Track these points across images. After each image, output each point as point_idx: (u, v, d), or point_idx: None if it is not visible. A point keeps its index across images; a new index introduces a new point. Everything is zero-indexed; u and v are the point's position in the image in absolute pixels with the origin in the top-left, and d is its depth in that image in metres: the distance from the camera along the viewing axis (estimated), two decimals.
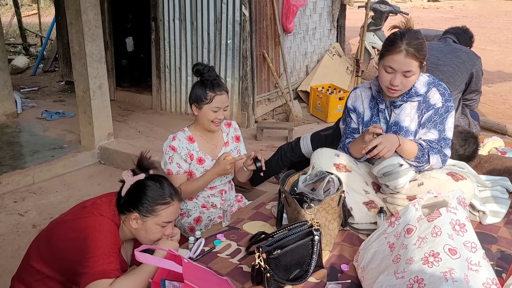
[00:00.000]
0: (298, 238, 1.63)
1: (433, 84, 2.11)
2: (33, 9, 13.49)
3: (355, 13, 11.08)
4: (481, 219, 2.10)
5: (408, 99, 2.09)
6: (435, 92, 2.08)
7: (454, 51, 3.15)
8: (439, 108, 2.07)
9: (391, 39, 2.01)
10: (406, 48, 1.94)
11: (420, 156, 2.01)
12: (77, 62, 4.03)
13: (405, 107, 2.12)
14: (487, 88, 6.90)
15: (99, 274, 1.53)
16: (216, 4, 4.77)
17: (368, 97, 2.22)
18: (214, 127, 2.34)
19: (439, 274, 1.38)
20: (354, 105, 2.25)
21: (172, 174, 2.32)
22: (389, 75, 2.00)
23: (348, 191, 2.05)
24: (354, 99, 2.26)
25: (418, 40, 1.97)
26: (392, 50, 1.97)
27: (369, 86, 2.23)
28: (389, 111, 2.16)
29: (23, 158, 4.07)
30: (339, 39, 6.88)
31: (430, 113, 2.08)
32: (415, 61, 1.96)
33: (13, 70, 7.30)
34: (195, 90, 2.30)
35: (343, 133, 2.33)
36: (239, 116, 4.93)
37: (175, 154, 2.31)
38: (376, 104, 2.19)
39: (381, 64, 2.03)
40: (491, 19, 16.42)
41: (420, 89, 2.09)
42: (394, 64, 1.97)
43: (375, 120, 2.18)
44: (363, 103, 2.22)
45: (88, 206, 1.70)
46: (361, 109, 2.23)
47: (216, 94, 2.27)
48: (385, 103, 2.15)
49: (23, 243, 2.91)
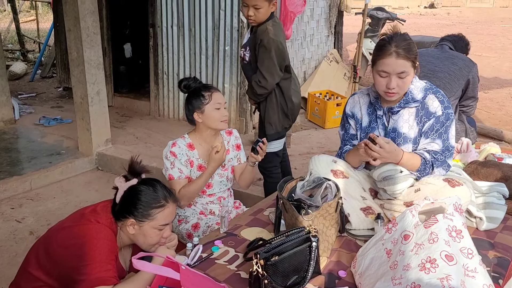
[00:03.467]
0: (296, 244, 1.64)
1: (430, 90, 2.12)
2: (31, 15, 13.50)
3: (352, 19, 11.15)
4: (478, 225, 2.10)
5: (406, 105, 2.10)
6: (434, 99, 2.09)
7: (451, 58, 3.17)
8: (440, 116, 2.07)
9: (380, 44, 2.04)
10: (395, 50, 1.96)
11: (422, 170, 2.03)
12: (75, 68, 4.04)
13: (403, 114, 2.12)
14: (484, 95, 6.93)
15: (97, 281, 1.53)
16: (214, 10, 4.79)
17: (366, 103, 2.23)
18: (223, 125, 2.36)
19: (436, 280, 1.38)
20: (353, 111, 2.27)
21: (174, 179, 2.32)
22: (384, 79, 2.02)
23: (346, 197, 2.06)
24: (352, 105, 2.27)
25: (406, 41, 2.00)
26: (382, 55, 2.00)
27: (367, 93, 2.24)
28: (387, 118, 2.16)
29: (20, 164, 4.07)
30: (336, 46, 6.92)
31: (432, 122, 2.08)
32: (407, 62, 1.98)
33: (11, 76, 7.30)
34: (191, 100, 2.33)
35: (342, 139, 2.33)
36: (237, 122, 4.94)
37: (176, 160, 2.32)
38: (374, 110, 2.20)
39: (375, 70, 2.05)
40: (488, 25, 16.52)
41: (417, 94, 2.10)
42: (386, 67, 1.99)
43: (373, 126, 2.19)
44: (361, 109, 2.24)
45: (87, 213, 1.70)
46: (359, 115, 2.24)
47: (212, 92, 2.31)
48: (383, 110, 2.16)
49: (20, 250, 2.91)
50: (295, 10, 5.27)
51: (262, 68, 2.82)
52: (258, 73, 2.85)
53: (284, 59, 2.86)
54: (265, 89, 2.86)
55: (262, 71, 2.82)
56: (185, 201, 2.34)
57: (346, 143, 2.29)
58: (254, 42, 2.86)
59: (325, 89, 5.75)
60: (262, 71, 2.82)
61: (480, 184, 2.30)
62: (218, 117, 2.32)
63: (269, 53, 2.78)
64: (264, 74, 2.81)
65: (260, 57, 2.82)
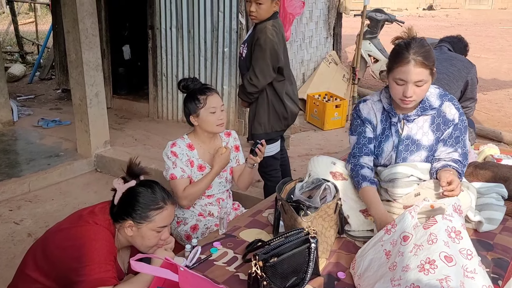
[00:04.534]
0: (295, 245, 1.63)
1: (445, 97, 2.06)
2: (30, 17, 13.51)
3: (351, 21, 11.16)
4: (477, 227, 2.10)
5: (423, 112, 2.04)
6: (451, 107, 2.04)
7: (450, 59, 3.18)
8: (457, 123, 2.04)
9: (396, 50, 1.95)
10: (413, 57, 1.88)
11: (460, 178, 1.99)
12: (74, 70, 4.04)
13: (418, 121, 2.07)
14: (483, 96, 6.94)
15: (97, 282, 1.52)
16: (213, 12, 4.79)
17: (380, 110, 2.14)
18: (220, 128, 2.35)
19: (435, 281, 1.38)
20: (368, 117, 2.16)
21: (176, 179, 2.30)
22: (401, 87, 1.93)
23: (345, 199, 2.05)
24: (367, 110, 2.16)
25: (424, 47, 1.91)
26: (399, 62, 1.90)
27: (379, 99, 2.15)
28: (401, 125, 2.09)
29: (19, 166, 4.06)
30: (335, 47, 6.92)
31: (451, 130, 2.04)
32: (425, 69, 1.89)
33: (10, 78, 7.30)
34: (187, 103, 2.34)
35: (356, 143, 2.16)
36: (236, 124, 4.94)
37: (177, 160, 2.32)
38: (388, 117, 2.11)
39: (391, 78, 1.96)
40: (486, 27, 16.57)
41: (434, 102, 2.04)
42: (404, 75, 1.90)
43: (387, 134, 2.11)
44: (376, 115, 2.15)
45: (85, 215, 1.70)
46: (374, 122, 2.15)
47: (207, 96, 2.30)
48: (398, 117, 2.08)
49: (18, 251, 2.90)
50: (294, 12, 5.27)
51: (255, 66, 2.82)
52: (250, 71, 2.85)
53: (278, 61, 2.85)
54: (255, 87, 2.85)
55: (255, 69, 2.82)
56: (188, 202, 2.33)
57: (361, 148, 2.14)
58: (252, 39, 2.86)
59: (324, 91, 5.75)
60: (255, 69, 2.82)
61: (479, 185, 2.30)
62: (213, 121, 2.31)
63: (264, 52, 2.79)
64: (256, 73, 2.81)
65: (255, 55, 2.83)
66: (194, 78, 2.38)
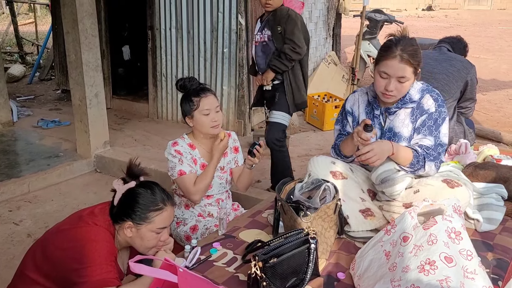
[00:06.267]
0: (295, 246, 1.63)
1: (426, 91, 2.14)
2: (30, 18, 13.52)
3: (350, 22, 11.17)
4: (477, 227, 2.10)
5: (403, 105, 2.12)
6: (429, 98, 2.11)
7: (449, 59, 3.18)
8: (432, 113, 2.09)
9: (386, 45, 2.05)
10: (400, 53, 1.97)
11: (415, 163, 2.03)
12: (73, 70, 4.03)
13: (399, 114, 2.14)
14: (482, 96, 6.95)
15: (100, 283, 1.52)
16: (213, 13, 4.80)
17: (365, 102, 2.25)
18: (214, 130, 2.35)
19: (435, 282, 1.38)
20: (352, 108, 2.28)
21: (186, 174, 2.29)
22: (384, 80, 2.03)
23: (345, 199, 2.06)
24: (352, 102, 2.29)
25: (412, 46, 2.00)
26: (387, 56, 2.00)
27: (366, 91, 2.26)
28: (383, 117, 2.18)
29: (18, 166, 4.05)
30: (334, 48, 6.93)
31: (424, 117, 2.10)
32: (409, 67, 1.98)
33: (9, 79, 7.30)
34: (182, 104, 2.34)
35: (337, 134, 2.34)
36: (236, 124, 4.94)
37: (182, 157, 2.31)
38: (371, 110, 2.21)
39: (376, 70, 2.06)
40: (485, 28, 16.59)
41: (414, 95, 2.11)
42: (388, 69, 1.99)
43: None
44: (359, 107, 2.25)
45: (84, 216, 1.69)
46: (357, 113, 2.26)
47: (201, 98, 2.30)
48: (380, 109, 2.18)
49: (17, 252, 2.89)
50: None
51: (293, 37, 3.15)
52: (290, 42, 3.16)
53: (307, 32, 3.28)
54: (299, 55, 3.18)
55: (294, 39, 3.15)
56: (199, 196, 2.32)
57: (341, 138, 2.29)
58: (273, 22, 3.21)
59: (324, 91, 5.76)
60: (294, 39, 3.15)
61: (478, 185, 2.30)
62: (207, 123, 2.31)
63: (296, 25, 3.17)
64: (296, 42, 3.16)
65: (289, 29, 3.17)
66: (191, 78, 2.37)
